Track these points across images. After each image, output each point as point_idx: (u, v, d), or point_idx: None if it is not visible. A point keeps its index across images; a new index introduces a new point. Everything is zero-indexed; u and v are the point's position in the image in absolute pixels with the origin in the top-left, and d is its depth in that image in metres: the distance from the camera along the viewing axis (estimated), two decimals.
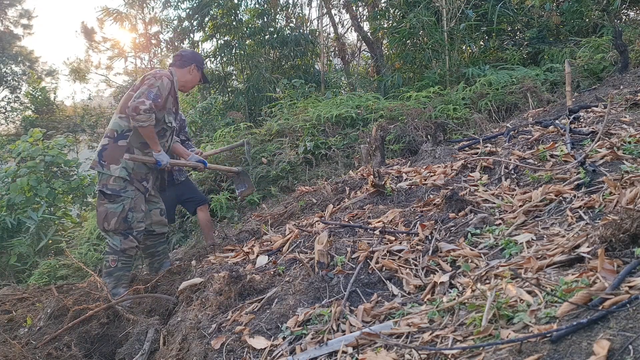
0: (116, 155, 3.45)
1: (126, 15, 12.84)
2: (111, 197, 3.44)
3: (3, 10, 21.10)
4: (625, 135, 2.96)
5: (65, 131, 13.52)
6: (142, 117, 3.29)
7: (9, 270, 6.65)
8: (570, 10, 7.92)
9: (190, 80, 3.73)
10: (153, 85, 3.40)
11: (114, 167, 3.44)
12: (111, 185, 3.44)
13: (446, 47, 7.72)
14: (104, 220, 3.46)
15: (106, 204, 3.45)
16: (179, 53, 3.82)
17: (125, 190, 3.46)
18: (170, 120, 3.60)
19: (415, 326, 1.72)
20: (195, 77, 3.74)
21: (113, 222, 3.43)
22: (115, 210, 3.43)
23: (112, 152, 3.46)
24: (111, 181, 3.44)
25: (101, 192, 3.47)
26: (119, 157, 3.45)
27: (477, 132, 5.13)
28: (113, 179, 3.44)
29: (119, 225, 3.44)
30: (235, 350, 2.03)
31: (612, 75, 5.90)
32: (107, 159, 3.46)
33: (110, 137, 3.50)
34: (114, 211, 3.43)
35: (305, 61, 10.86)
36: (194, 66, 3.69)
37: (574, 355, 1.26)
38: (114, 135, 3.49)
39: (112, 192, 3.44)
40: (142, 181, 3.55)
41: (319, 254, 2.37)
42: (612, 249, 1.70)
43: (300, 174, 5.70)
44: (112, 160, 3.45)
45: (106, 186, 3.45)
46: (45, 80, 20.19)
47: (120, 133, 3.48)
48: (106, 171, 3.45)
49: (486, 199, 2.74)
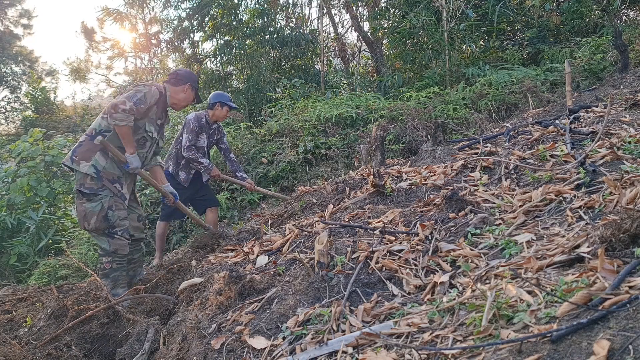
0: (89, 153, 3.41)
1: (126, 15, 12.83)
2: (89, 195, 3.40)
3: (3, 10, 21.10)
4: (625, 135, 2.96)
5: (65, 131, 13.51)
6: (119, 115, 3.28)
7: (9, 270, 6.65)
8: (570, 10, 7.92)
9: (183, 99, 3.77)
10: (140, 91, 3.43)
11: (84, 164, 3.39)
12: (88, 184, 3.40)
13: (446, 47, 7.73)
14: (84, 220, 3.42)
15: (84, 203, 3.41)
16: (175, 71, 3.90)
17: (104, 189, 3.42)
18: (151, 130, 3.59)
19: (415, 326, 1.72)
20: (189, 97, 3.80)
21: (92, 221, 3.39)
22: (94, 210, 3.39)
23: (86, 149, 3.42)
24: (88, 180, 3.40)
25: (79, 191, 3.43)
26: (91, 154, 3.40)
27: (477, 132, 5.13)
28: (89, 178, 3.40)
29: (99, 224, 3.40)
30: (235, 350, 2.03)
31: (612, 75, 5.91)
32: (79, 155, 3.42)
33: (88, 135, 3.47)
34: (93, 210, 3.39)
35: (305, 61, 10.86)
36: (189, 85, 3.74)
37: (574, 355, 1.26)
38: (92, 133, 3.46)
39: (90, 190, 3.40)
40: (114, 183, 3.47)
41: (319, 254, 2.37)
42: (612, 249, 1.70)
43: (300, 174, 5.71)
44: (84, 157, 3.40)
45: (83, 185, 3.41)
46: (45, 80, 20.23)
47: (98, 131, 3.44)
48: (75, 166, 3.40)
49: (486, 199, 2.74)
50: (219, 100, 4.59)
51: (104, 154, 3.42)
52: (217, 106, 4.59)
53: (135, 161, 3.46)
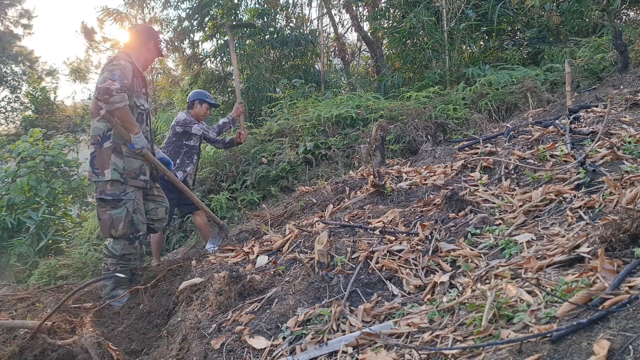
0: (105, 159, 3.37)
1: (126, 15, 12.81)
2: (112, 202, 3.38)
3: (3, 10, 21.10)
4: (625, 135, 2.96)
5: (65, 131, 13.52)
6: (116, 97, 3.15)
7: (9, 270, 6.65)
8: (570, 10, 7.92)
9: (150, 58, 3.65)
10: (115, 69, 3.26)
11: (107, 172, 3.36)
12: (109, 190, 3.38)
13: (446, 47, 7.73)
14: (111, 228, 3.40)
15: (108, 210, 3.39)
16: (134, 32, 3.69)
17: (125, 193, 3.40)
18: (142, 103, 3.50)
19: (415, 326, 1.72)
20: (153, 54, 3.65)
21: (120, 227, 3.39)
22: (120, 215, 3.39)
23: (101, 157, 3.39)
24: (108, 186, 3.38)
25: (100, 199, 3.41)
26: (107, 160, 3.37)
27: (477, 132, 5.13)
28: (110, 184, 3.37)
29: (126, 229, 3.40)
30: (235, 350, 2.03)
31: (612, 75, 5.90)
32: (99, 166, 3.39)
33: (95, 144, 3.41)
34: (119, 216, 3.38)
35: (305, 61, 10.85)
36: (152, 44, 3.60)
37: (574, 355, 1.26)
38: (98, 140, 3.40)
39: (112, 197, 3.38)
40: (138, 177, 3.46)
41: (319, 254, 2.37)
42: (612, 249, 1.70)
43: (300, 174, 5.70)
44: (103, 165, 3.37)
45: (104, 192, 3.39)
46: (45, 80, 20.23)
47: (103, 136, 3.39)
48: (101, 178, 3.37)
49: (486, 199, 2.74)
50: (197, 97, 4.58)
51: (118, 154, 3.39)
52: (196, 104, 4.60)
53: (141, 140, 3.39)
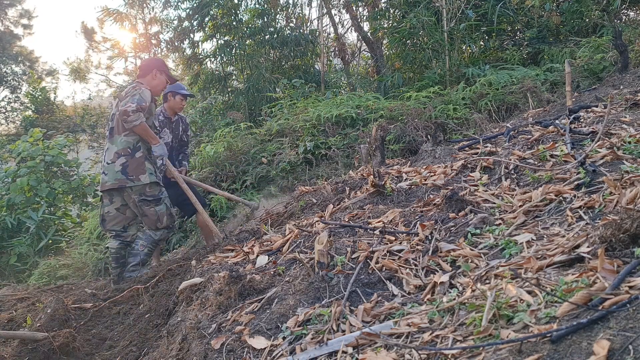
0: (141, 167, 3.90)
1: (126, 15, 12.81)
2: (155, 201, 3.97)
3: (3, 10, 21.09)
4: (625, 135, 2.96)
5: (65, 131, 13.52)
6: (133, 117, 3.68)
7: (9, 270, 6.66)
8: (570, 10, 7.92)
9: (157, 84, 4.11)
10: (134, 94, 3.80)
11: (144, 177, 3.89)
12: (149, 192, 3.93)
13: (446, 47, 7.72)
14: (158, 221, 4.00)
15: (153, 207, 3.97)
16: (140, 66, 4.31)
17: (162, 192, 4.02)
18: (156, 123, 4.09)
19: (415, 326, 1.72)
20: (161, 81, 4.12)
21: (164, 219, 4.01)
22: (163, 210, 4.00)
23: (136, 165, 3.89)
24: (147, 189, 3.92)
25: (144, 200, 3.94)
26: (142, 167, 3.90)
27: (477, 132, 5.13)
28: (149, 186, 3.92)
29: (169, 221, 4.05)
30: (235, 350, 2.03)
31: (612, 75, 5.90)
32: (133, 173, 3.89)
33: (126, 155, 3.90)
34: (163, 211, 4.00)
35: (305, 61, 10.85)
36: (155, 71, 4.08)
37: (574, 355, 1.26)
38: (128, 152, 3.91)
39: (153, 197, 3.95)
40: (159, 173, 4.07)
41: (319, 254, 2.37)
42: (612, 249, 1.70)
43: (300, 174, 5.70)
44: (139, 172, 3.89)
45: (145, 194, 3.93)
46: (46, 80, 20.21)
47: (133, 148, 3.91)
48: (137, 183, 3.89)
49: (486, 199, 2.74)
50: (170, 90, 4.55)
51: (149, 161, 3.96)
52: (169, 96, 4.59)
53: (160, 149, 3.96)
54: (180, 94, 4.60)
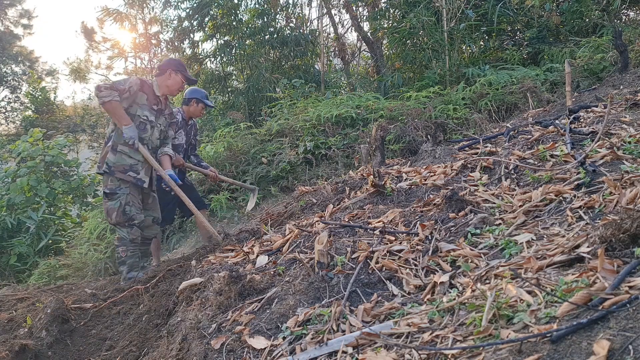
0: (104, 156, 3.93)
1: (126, 15, 12.80)
2: (110, 195, 3.93)
3: (3, 10, 21.09)
4: (625, 135, 2.96)
5: (65, 131, 13.52)
6: (104, 92, 3.69)
7: (9, 270, 6.66)
8: (570, 10, 7.92)
9: (171, 84, 4.09)
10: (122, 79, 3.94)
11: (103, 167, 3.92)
12: (109, 185, 3.92)
13: (446, 47, 7.73)
14: (107, 216, 3.99)
15: (107, 202, 3.96)
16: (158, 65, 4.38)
17: (120, 188, 3.91)
18: (146, 114, 3.97)
19: (415, 326, 1.72)
20: (177, 81, 4.10)
21: (114, 216, 3.92)
22: (114, 206, 3.91)
23: (103, 154, 3.97)
24: (109, 182, 3.92)
25: (104, 192, 3.98)
26: (105, 156, 3.92)
27: (477, 132, 5.13)
28: (110, 180, 3.90)
29: (119, 218, 3.91)
30: (235, 350, 2.03)
31: (612, 75, 5.90)
32: (100, 161, 3.98)
33: (104, 143, 4.02)
34: (113, 207, 3.91)
35: (305, 61, 10.85)
36: (170, 71, 4.07)
37: (574, 355, 1.26)
38: (106, 140, 4.02)
39: (110, 190, 3.92)
40: (127, 172, 3.89)
41: (319, 254, 2.37)
42: (612, 249, 1.70)
43: (300, 174, 5.70)
44: (101, 161, 3.94)
45: (106, 186, 3.95)
46: (45, 80, 20.20)
47: (109, 137, 3.97)
48: (99, 171, 3.94)
49: (486, 199, 2.74)
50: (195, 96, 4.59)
51: (113, 151, 3.89)
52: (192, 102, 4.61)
53: (130, 131, 3.82)
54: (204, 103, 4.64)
